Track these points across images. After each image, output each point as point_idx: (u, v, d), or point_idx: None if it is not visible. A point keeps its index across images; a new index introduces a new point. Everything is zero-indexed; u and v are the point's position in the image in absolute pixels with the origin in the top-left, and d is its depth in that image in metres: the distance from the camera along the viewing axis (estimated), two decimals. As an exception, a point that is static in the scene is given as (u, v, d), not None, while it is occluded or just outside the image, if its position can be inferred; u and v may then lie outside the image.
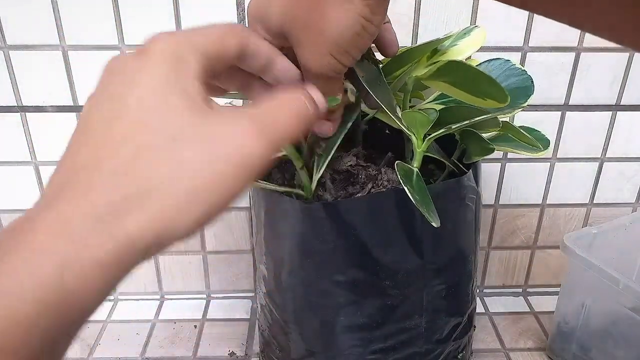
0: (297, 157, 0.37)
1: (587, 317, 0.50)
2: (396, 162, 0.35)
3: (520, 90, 0.40)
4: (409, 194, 0.33)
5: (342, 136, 0.36)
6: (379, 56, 0.35)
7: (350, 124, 0.36)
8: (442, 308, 0.42)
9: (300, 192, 0.39)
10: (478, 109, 0.34)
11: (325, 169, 0.37)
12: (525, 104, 0.39)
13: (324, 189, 0.40)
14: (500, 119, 0.36)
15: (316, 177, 0.38)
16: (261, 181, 0.39)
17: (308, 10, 0.27)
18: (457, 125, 0.35)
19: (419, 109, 0.38)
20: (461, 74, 0.33)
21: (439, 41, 0.38)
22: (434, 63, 0.37)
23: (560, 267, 0.65)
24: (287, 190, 0.40)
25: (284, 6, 0.28)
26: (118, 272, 0.19)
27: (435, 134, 0.36)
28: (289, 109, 0.24)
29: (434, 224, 0.33)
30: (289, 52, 0.29)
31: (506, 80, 0.40)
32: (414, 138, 0.37)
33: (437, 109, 0.36)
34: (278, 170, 0.43)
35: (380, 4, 0.26)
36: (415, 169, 0.36)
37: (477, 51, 0.50)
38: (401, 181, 0.34)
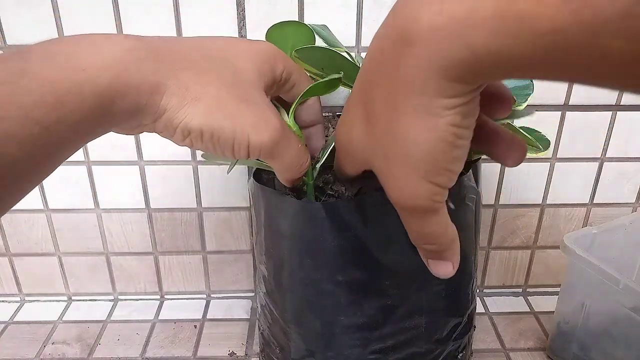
0: (300, 135, 0.37)
1: (587, 317, 0.50)
2: None
3: (520, 90, 0.40)
4: None
5: None
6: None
7: None
8: (442, 308, 0.42)
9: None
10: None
11: (325, 165, 0.37)
12: (525, 104, 0.39)
13: (325, 184, 0.40)
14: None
15: (318, 165, 0.37)
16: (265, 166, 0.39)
17: (385, 139, 0.24)
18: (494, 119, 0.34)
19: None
20: None
21: None
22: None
23: (560, 267, 0.65)
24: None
25: (363, 137, 0.26)
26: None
27: None
28: (298, 157, 0.32)
29: (451, 205, 0.32)
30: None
31: (506, 80, 0.40)
32: None
33: None
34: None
35: (471, 103, 0.22)
36: None
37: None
38: None
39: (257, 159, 0.31)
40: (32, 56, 0.22)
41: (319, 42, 0.43)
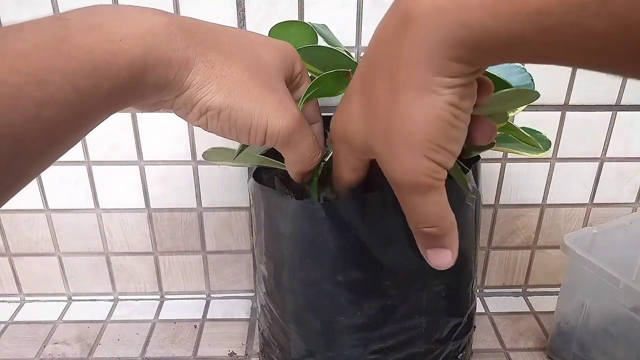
0: None
1: (587, 317, 0.50)
2: None
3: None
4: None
5: None
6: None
7: None
8: (442, 308, 0.42)
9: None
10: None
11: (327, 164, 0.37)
12: (526, 103, 0.39)
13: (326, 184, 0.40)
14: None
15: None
16: (270, 159, 0.39)
17: (385, 118, 0.25)
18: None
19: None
20: None
21: None
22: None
23: (560, 267, 0.65)
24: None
25: (361, 121, 0.27)
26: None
27: None
28: (311, 150, 0.33)
29: (469, 193, 0.33)
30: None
31: (507, 79, 0.40)
32: None
33: None
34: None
35: (469, 86, 0.23)
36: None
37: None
38: None
39: (263, 153, 0.31)
40: (72, 24, 0.23)
41: (320, 42, 0.43)
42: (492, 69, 0.40)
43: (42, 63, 0.21)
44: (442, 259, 0.28)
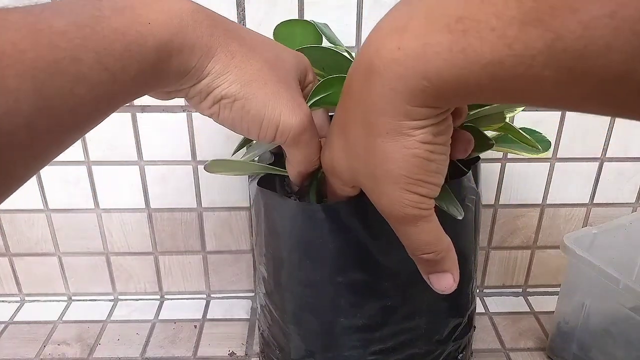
0: None
1: (587, 317, 0.50)
2: None
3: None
4: None
5: None
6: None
7: None
8: (442, 309, 0.42)
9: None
10: (481, 105, 0.34)
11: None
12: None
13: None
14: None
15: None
16: (269, 165, 0.39)
17: (365, 159, 0.26)
18: (474, 112, 0.34)
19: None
20: None
21: None
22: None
23: (560, 267, 0.65)
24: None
25: (345, 160, 0.28)
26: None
27: None
28: (319, 151, 0.33)
29: (458, 217, 0.33)
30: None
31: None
32: None
33: None
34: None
35: (441, 122, 0.24)
36: None
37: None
38: None
39: (261, 160, 0.31)
40: (104, 5, 0.24)
41: (323, 41, 0.43)
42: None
43: (78, 41, 0.21)
44: (444, 282, 0.29)
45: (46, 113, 0.21)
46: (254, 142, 0.41)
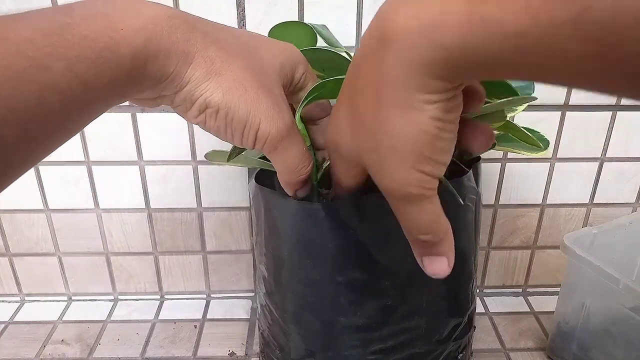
0: (305, 135, 0.37)
1: (587, 317, 0.50)
2: None
3: (521, 89, 0.39)
4: None
5: None
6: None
7: None
8: (442, 308, 0.42)
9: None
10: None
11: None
12: (527, 103, 0.39)
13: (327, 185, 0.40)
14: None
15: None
16: (268, 162, 0.39)
17: (372, 132, 0.25)
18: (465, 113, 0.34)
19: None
20: None
21: None
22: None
23: (560, 267, 0.65)
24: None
25: (350, 134, 0.27)
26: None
27: None
28: (300, 159, 0.32)
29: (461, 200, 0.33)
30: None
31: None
32: None
33: None
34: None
35: (453, 99, 0.23)
36: None
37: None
38: None
39: (262, 156, 0.31)
40: (75, 13, 0.23)
41: (320, 42, 0.43)
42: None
43: (46, 49, 0.21)
44: (438, 266, 0.28)
45: (13, 124, 0.20)
46: None
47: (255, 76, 0.29)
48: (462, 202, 0.34)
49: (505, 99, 0.33)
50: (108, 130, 0.56)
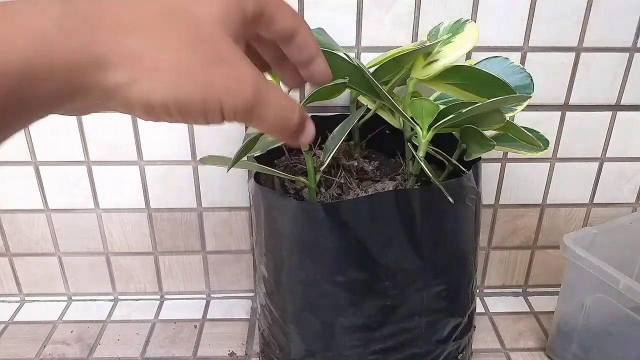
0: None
1: (587, 317, 0.50)
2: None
3: (520, 89, 0.40)
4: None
5: (346, 132, 0.36)
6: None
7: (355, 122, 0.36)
8: (442, 308, 0.42)
9: (304, 179, 0.39)
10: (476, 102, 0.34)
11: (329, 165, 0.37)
12: (525, 103, 0.39)
13: (327, 185, 0.40)
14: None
15: (326, 160, 0.37)
16: (266, 167, 0.39)
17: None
18: (467, 109, 0.34)
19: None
20: (466, 75, 0.33)
21: (428, 47, 0.37)
22: (431, 63, 0.37)
23: (560, 267, 0.65)
24: (291, 177, 0.40)
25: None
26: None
27: (440, 123, 0.36)
28: (282, 116, 0.27)
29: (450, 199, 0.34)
30: None
31: (506, 79, 0.40)
32: (418, 129, 0.37)
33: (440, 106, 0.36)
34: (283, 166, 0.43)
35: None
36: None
37: (477, 52, 0.50)
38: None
39: (261, 161, 0.31)
40: None
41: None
42: (492, 69, 0.40)
43: None
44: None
45: None
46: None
47: (195, 49, 0.24)
48: (452, 200, 0.34)
49: (497, 98, 0.33)
50: (108, 130, 0.56)
